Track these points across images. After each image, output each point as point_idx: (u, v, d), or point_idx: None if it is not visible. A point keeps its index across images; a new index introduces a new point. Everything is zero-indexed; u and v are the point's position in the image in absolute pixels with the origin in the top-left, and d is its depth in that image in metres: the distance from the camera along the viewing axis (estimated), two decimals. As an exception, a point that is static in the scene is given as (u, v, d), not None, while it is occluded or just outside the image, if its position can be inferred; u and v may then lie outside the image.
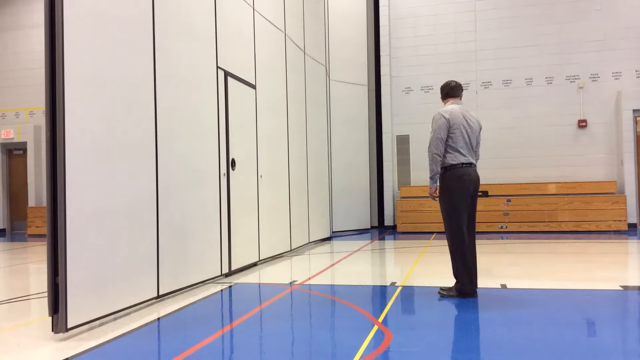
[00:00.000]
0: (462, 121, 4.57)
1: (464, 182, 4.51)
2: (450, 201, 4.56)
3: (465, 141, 4.55)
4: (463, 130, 4.55)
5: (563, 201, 10.80)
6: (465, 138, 4.56)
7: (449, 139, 4.53)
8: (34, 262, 7.86)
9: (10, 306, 4.75)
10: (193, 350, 3.25)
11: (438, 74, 12.11)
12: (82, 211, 3.73)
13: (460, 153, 4.52)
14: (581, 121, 11.30)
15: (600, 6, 11.26)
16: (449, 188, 4.56)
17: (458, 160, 4.51)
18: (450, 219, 4.60)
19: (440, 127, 4.53)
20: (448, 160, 4.54)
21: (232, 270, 6.09)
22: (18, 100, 13.69)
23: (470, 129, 4.60)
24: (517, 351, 3.07)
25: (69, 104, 3.64)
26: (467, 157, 4.54)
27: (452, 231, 4.60)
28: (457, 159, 4.52)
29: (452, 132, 4.53)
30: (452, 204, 4.55)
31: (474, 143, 4.66)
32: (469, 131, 4.59)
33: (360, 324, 3.82)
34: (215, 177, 5.75)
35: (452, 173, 4.53)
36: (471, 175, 4.54)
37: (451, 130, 4.53)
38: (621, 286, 4.93)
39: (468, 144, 4.57)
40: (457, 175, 4.51)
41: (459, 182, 4.51)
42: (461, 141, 4.53)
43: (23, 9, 13.75)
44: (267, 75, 7.40)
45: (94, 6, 3.96)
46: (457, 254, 4.57)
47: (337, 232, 11.43)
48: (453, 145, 4.53)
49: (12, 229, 14.01)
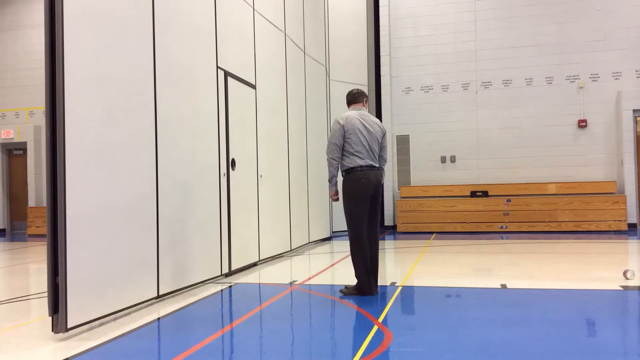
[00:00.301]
0: (359, 126, 4.76)
1: (362, 185, 4.71)
2: (350, 203, 4.76)
3: (363, 145, 4.75)
4: (360, 134, 4.74)
5: (563, 201, 10.80)
6: (364, 142, 4.75)
7: (346, 143, 4.75)
8: (34, 262, 7.86)
9: (10, 306, 4.75)
10: (193, 350, 3.25)
11: (438, 74, 12.12)
12: (82, 211, 3.73)
13: (358, 157, 4.72)
14: (581, 121, 11.30)
15: (600, 6, 11.26)
16: (348, 191, 4.76)
17: (356, 164, 4.72)
18: (350, 221, 4.79)
19: (335, 133, 4.77)
20: (346, 164, 4.77)
21: (232, 270, 6.09)
22: (18, 100, 13.69)
23: (368, 134, 4.80)
24: (517, 351, 3.07)
25: (69, 104, 3.64)
26: (366, 160, 4.74)
27: (352, 232, 4.78)
28: (355, 162, 4.72)
29: (348, 137, 4.73)
30: (352, 206, 4.75)
31: (376, 147, 4.86)
32: (367, 135, 4.79)
33: (360, 324, 3.82)
34: (215, 177, 5.75)
35: (350, 176, 4.75)
36: (370, 178, 4.73)
37: (347, 135, 4.73)
38: (621, 286, 4.93)
39: (367, 148, 4.77)
40: (355, 178, 4.72)
41: (357, 184, 4.71)
42: (359, 145, 4.73)
43: (23, 9, 13.75)
44: (267, 75, 7.40)
45: (94, 6, 3.96)
46: (357, 255, 4.77)
47: (337, 232, 11.43)
48: (350, 149, 4.74)
49: (12, 229, 14.01)
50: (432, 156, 12.15)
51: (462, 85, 12.00)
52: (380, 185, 4.86)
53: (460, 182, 11.89)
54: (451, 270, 6.24)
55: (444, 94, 12.09)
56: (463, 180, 11.90)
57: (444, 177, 12.04)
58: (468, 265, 6.65)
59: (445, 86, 12.09)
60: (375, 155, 4.83)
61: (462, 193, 11.63)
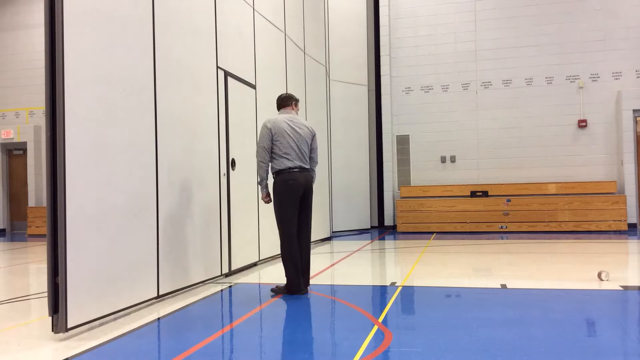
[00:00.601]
0: (286, 128, 4.87)
1: (291, 186, 4.82)
2: (280, 204, 4.86)
3: (291, 147, 4.85)
4: (287, 137, 4.85)
5: (563, 201, 10.80)
6: (292, 144, 4.86)
7: (274, 146, 4.86)
8: (34, 262, 7.86)
9: (10, 306, 4.75)
10: (193, 350, 3.25)
11: (438, 74, 12.13)
12: (82, 211, 3.73)
13: (286, 159, 4.83)
14: (581, 121, 11.30)
15: (600, 6, 11.26)
16: (278, 192, 4.87)
17: (285, 166, 4.83)
18: (280, 221, 4.89)
19: (262, 137, 4.88)
20: (275, 166, 4.88)
21: (232, 270, 6.09)
22: (18, 100, 13.69)
23: (297, 135, 4.91)
24: (517, 351, 3.07)
25: (69, 104, 3.64)
26: (294, 162, 4.85)
27: (282, 233, 4.89)
28: (284, 164, 4.83)
29: (276, 140, 4.84)
30: (281, 207, 4.85)
31: (305, 149, 4.97)
32: (296, 138, 4.89)
33: (360, 324, 3.82)
34: (215, 177, 5.75)
35: (279, 178, 4.87)
36: (298, 180, 4.83)
37: (275, 138, 4.84)
38: (621, 286, 4.93)
39: (296, 150, 4.87)
40: (284, 180, 4.83)
41: (286, 186, 4.82)
42: (287, 147, 4.84)
43: (24, 9, 13.75)
44: (267, 75, 7.40)
45: (94, 6, 3.96)
46: (286, 254, 4.87)
47: (337, 232, 11.43)
48: (278, 152, 4.85)
49: (12, 229, 14.01)
50: (432, 156, 12.15)
51: (462, 85, 12.00)
52: (311, 186, 4.99)
53: (460, 182, 11.89)
54: (451, 270, 6.24)
55: (444, 94, 12.09)
56: (463, 180, 11.90)
57: (444, 177, 12.05)
58: (468, 265, 6.65)
59: (445, 86, 12.09)
60: (305, 157, 4.95)
61: (462, 193, 11.63)
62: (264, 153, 4.84)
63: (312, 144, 5.05)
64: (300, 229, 4.95)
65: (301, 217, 4.94)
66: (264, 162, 4.85)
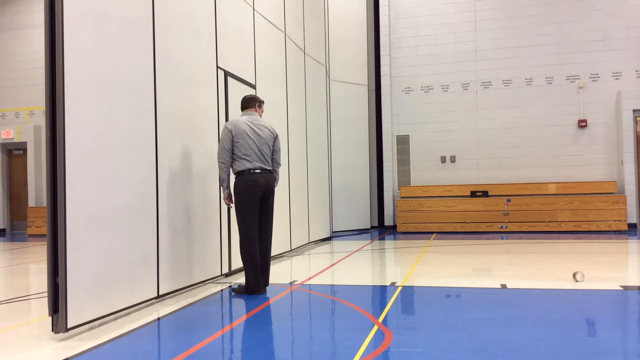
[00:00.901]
0: (247, 130, 4.91)
1: (251, 187, 4.87)
2: (240, 205, 4.91)
3: (252, 149, 4.90)
4: (248, 138, 4.89)
5: (563, 201, 10.80)
6: (252, 146, 4.91)
7: (235, 147, 4.89)
8: (34, 262, 7.86)
9: (10, 306, 4.75)
10: (193, 350, 3.25)
11: (438, 74, 12.13)
12: (82, 211, 3.73)
13: (246, 160, 4.88)
14: (581, 121, 11.30)
15: (600, 6, 11.26)
16: (238, 193, 4.91)
17: (245, 167, 4.88)
18: (240, 222, 4.93)
19: (224, 138, 4.90)
20: (236, 167, 4.93)
21: (232, 270, 6.09)
22: (18, 100, 13.69)
23: (258, 137, 4.96)
24: (517, 351, 3.07)
25: (69, 104, 3.64)
26: (255, 164, 4.90)
27: (242, 233, 4.93)
28: (244, 165, 4.88)
29: (236, 141, 4.88)
30: (242, 207, 4.90)
31: (267, 150, 5.02)
32: (257, 139, 4.95)
33: (360, 324, 3.82)
34: (215, 177, 5.75)
35: (240, 179, 4.91)
36: (259, 181, 4.90)
37: (235, 139, 4.88)
38: (621, 286, 4.93)
39: (257, 151, 4.93)
40: (244, 181, 4.88)
41: (246, 187, 4.87)
42: (248, 149, 4.88)
43: (24, 9, 13.75)
44: (267, 75, 7.40)
45: (94, 6, 3.96)
46: (246, 255, 4.92)
47: (337, 232, 11.43)
48: (238, 153, 4.89)
49: (12, 229, 14.01)
50: (432, 156, 12.15)
51: (462, 85, 12.00)
52: (271, 187, 5.05)
53: (460, 182, 11.89)
54: (451, 270, 6.24)
55: (444, 94, 12.09)
56: (463, 180, 11.90)
57: (444, 177, 12.05)
58: (468, 265, 6.65)
59: (445, 86, 12.09)
60: (266, 158, 5.00)
61: (462, 193, 11.63)
62: (225, 154, 4.87)
63: (274, 145, 5.11)
64: (260, 230, 5.02)
65: (261, 219, 5.02)
66: (224, 164, 4.88)
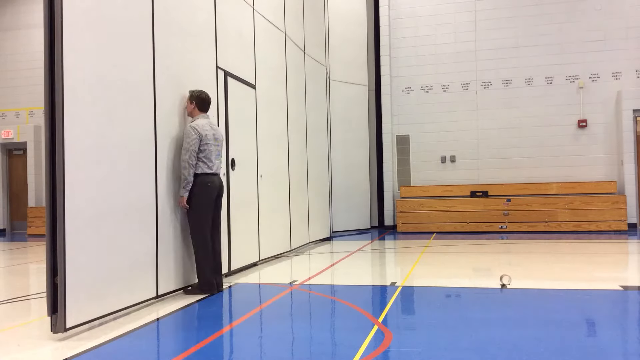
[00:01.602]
0: (210, 135, 5.03)
1: (209, 189, 5.00)
2: (197, 206, 4.98)
3: (213, 153, 5.05)
4: (212, 142, 5.03)
5: (563, 201, 10.80)
6: (213, 150, 5.06)
7: (199, 151, 4.96)
8: (34, 262, 7.86)
9: (10, 306, 4.75)
10: (193, 350, 3.25)
11: (438, 74, 12.12)
12: (81, 211, 3.72)
13: (206, 164, 5.00)
14: (581, 121, 11.30)
15: (600, 6, 11.26)
16: (196, 195, 4.97)
17: (204, 170, 4.99)
18: (197, 223, 5.00)
19: (192, 141, 4.92)
20: (197, 170, 4.99)
21: (232, 270, 6.09)
22: (18, 100, 13.69)
23: (216, 142, 5.12)
24: (517, 351, 3.07)
25: (68, 104, 3.64)
26: (213, 168, 5.07)
27: (197, 235, 5.01)
28: (204, 169, 5.00)
29: (202, 146, 4.96)
30: (198, 208, 4.98)
31: (222, 153, 5.28)
32: (216, 144, 5.11)
33: (360, 324, 3.82)
34: (215, 177, 5.75)
35: (198, 181, 4.97)
36: (215, 183, 5.07)
37: (202, 143, 4.95)
38: (621, 286, 4.93)
39: (216, 155, 5.11)
40: (204, 183, 4.98)
41: (205, 189, 4.98)
42: (210, 153, 5.02)
43: (23, 9, 13.75)
44: (267, 75, 7.39)
45: (94, 6, 3.96)
46: (202, 255, 5.00)
47: (337, 232, 11.43)
48: (202, 156, 4.98)
49: (12, 229, 14.01)
50: (432, 156, 12.15)
51: (462, 85, 12.00)
52: (223, 189, 5.22)
53: (460, 182, 11.89)
54: (451, 270, 6.24)
55: (444, 94, 12.09)
56: (463, 180, 11.90)
57: (444, 177, 12.04)
58: (468, 265, 6.64)
59: (445, 86, 12.09)
60: (220, 162, 5.22)
61: (462, 193, 11.63)
62: (193, 157, 4.91)
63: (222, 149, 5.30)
64: (213, 230, 5.12)
65: (214, 220, 5.14)
66: (191, 166, 4.91)
